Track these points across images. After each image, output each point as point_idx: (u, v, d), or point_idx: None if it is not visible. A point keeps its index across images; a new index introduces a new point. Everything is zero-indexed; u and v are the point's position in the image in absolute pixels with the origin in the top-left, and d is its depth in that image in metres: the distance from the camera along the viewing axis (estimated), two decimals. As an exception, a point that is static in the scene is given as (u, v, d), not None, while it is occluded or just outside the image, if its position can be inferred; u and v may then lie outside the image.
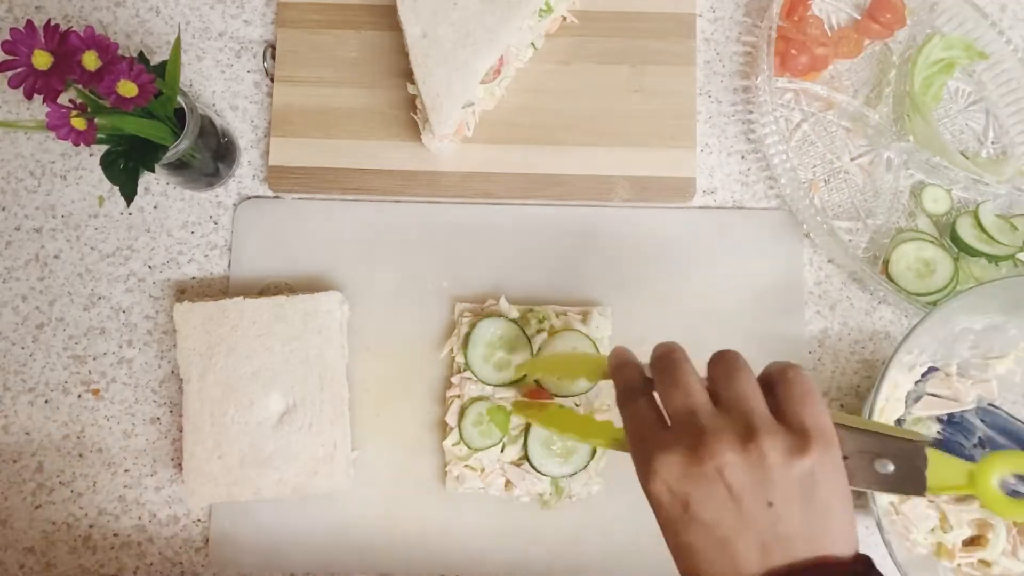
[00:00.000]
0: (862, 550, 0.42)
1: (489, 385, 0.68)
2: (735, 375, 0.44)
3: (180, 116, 0.63)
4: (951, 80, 0.75)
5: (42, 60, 0.54)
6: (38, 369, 0.71)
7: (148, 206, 0.73)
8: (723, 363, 0.45)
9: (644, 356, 0.49)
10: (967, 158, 0.72)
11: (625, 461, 0.47)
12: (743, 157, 0.75)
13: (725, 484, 0.40)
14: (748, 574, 0.40)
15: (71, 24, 0.76)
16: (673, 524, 0.42)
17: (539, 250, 0.72)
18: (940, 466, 0.45)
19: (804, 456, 0.40)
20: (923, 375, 0.66)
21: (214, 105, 0.75)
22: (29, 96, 0.55)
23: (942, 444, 0.64)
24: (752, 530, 0.40)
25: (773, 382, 0.44)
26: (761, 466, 0.40)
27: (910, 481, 0.46)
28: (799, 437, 0.41)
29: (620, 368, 0.50)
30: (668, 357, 0.47)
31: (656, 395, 0.47)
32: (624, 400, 0.48)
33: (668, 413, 0.45)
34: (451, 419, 0.68)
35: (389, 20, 0.73)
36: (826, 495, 0.41)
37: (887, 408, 0.64)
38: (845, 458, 0.44)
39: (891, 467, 0.45)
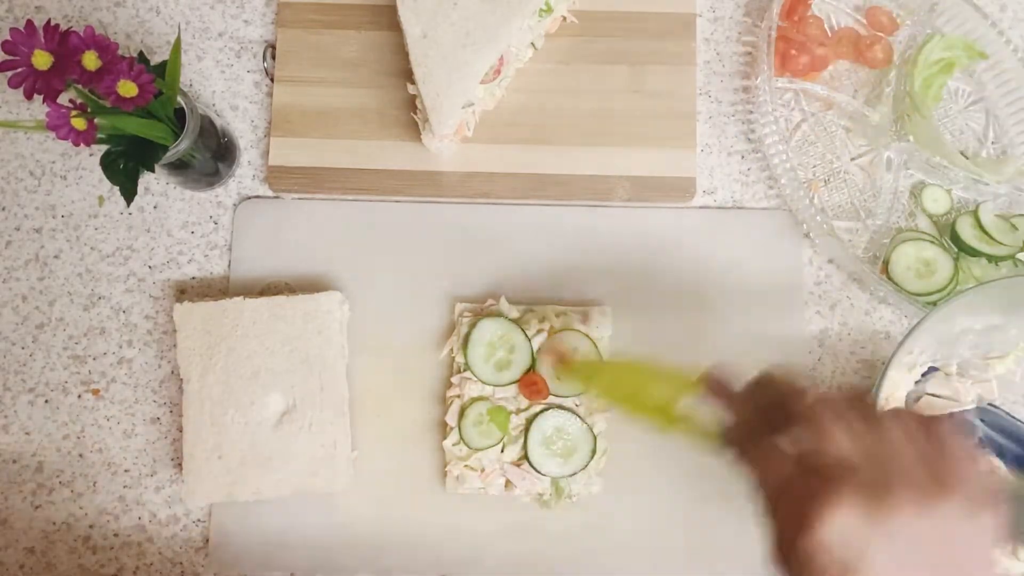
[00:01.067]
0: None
1: (489, 385, 0.68)
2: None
3: (180, 116, 0.63)
4: (951, 80, 0.75)
5: (42, 60, 0.54)
6: (38, 369, 0.71)
7: (148, 206, 0.73)
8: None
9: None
10: (967, 158, 0.72)
11: (625, 461, 0.46)
12: (743, 157, 0.75)
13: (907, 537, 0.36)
14: None
15: (71, 24, 0.76)
16: None
17: (539, 250, 0.72)
18: None
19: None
20: (923, 375, 0.66)
21: (214, 105, 0.75)
22: (29, 96, 0.55)
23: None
24: None
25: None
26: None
27: None
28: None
29: (736, 399, 0.45)
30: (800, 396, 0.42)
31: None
32: (747, 438, 0.43)
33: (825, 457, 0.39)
34: (451, 419, 0.68)
35: (389, 20, 0.73)
36: None
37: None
38: None
39: None
